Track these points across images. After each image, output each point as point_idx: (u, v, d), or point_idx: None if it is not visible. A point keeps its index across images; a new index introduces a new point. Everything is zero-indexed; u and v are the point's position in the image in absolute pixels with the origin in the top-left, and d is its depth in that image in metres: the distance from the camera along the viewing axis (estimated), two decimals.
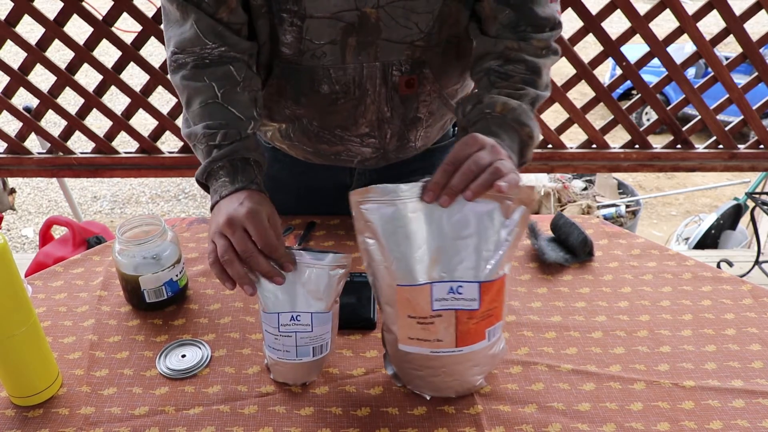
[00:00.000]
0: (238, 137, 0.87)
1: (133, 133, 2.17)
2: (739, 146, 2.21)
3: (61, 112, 2.12)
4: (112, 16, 1.95)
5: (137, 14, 1.94)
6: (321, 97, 0.96)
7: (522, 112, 0.85)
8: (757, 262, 2.60)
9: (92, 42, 2.00)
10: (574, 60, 2.02)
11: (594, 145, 2.22)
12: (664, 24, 2.12)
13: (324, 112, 0.98)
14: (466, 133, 0.86)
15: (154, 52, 3.28)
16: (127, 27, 2.14)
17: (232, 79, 0.88)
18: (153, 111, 2.13)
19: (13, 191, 3.00)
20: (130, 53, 2.01)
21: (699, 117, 2.15)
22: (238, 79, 0.89)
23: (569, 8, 1.92)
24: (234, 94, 0.89)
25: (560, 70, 2.15)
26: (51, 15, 1.95)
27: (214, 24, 0.87)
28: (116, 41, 1.99)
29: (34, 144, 2.28)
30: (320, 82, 0.94)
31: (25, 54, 2.01)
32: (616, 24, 1.97)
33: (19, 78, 2.04)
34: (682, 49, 3.89)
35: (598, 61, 2.07)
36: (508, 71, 0.88)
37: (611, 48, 2.02)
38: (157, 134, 2.20)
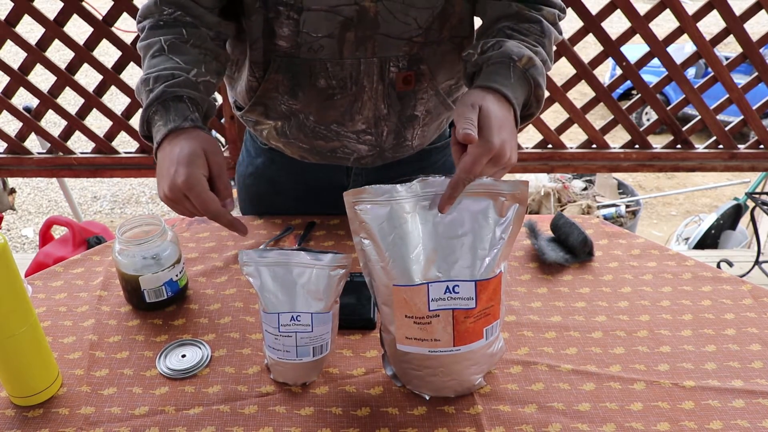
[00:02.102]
0: (171, 78, 0.84)
1: (133, 133, 2.17)
2: (739, 146, 2.21)
3: (61, 112, 2.12)
4: (112, 16, 1.95)
5: (137, 14, 1.94)
6: (318, 92, 0.96)
7: (540, 73, 0.85)
8: (757, 262, 2.60)
9: (92, 42, 2.00)
10: (574, 60, 2.02)
11: (594, 145, 2.22)
12: (664, 24, 2.12)
13: (320, 107, 0.98)
14: (478, 70, 0.85)
15: None
16: (127, 27, 2.14)
17: (181, 37, 0.88)
18: None
19: (13, 191, 3.00)
20: (130, 53, 2.01)
21: (699, 117, 2.15)
22: (186, 37, 0.88)
23: (569, 8, 1.92)
24: (180, 47, 0.87)
25: (560, 70, 2.16)
26: (51, 15, 1.96)
27: None
28: (116, 41, 1.99)
29: (34, 144, 2.28)
30: (317, 76, 0.94)
31: (25, 54, 2.01)
32: (616, 24, 1.97)
33: (19, 78, 2.04)
34: (682, 49, 3.90)
35: (598, 61, 2.07)
36: (523, 29, 0.88)
37: (611, 48, 2.02)
38: None
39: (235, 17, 0.95)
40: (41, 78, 2.17)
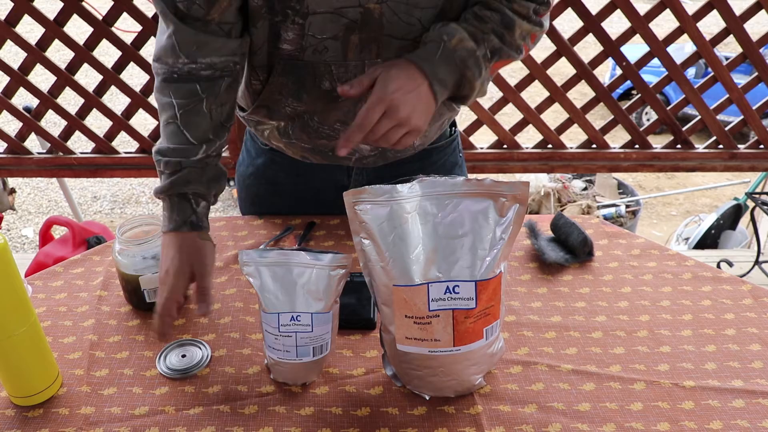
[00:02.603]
0: (179, 167, 0.90)
1: (133, 133, 2.17)
2: (739, 146, 2.21)
3: (61, 112, 2.12)
4: (112, 16, 1.95)
5: (137, 14, 1.94)
6: (322, 94, 0.96)
7: (470, 55, 0.87)
8: (757, 262, 2.60)
9: (92, 42, 2.00)
10: (574, 60, 2.02)
11: (594, 145, 2.22)
12: (664, 24, 2.12)
13: (325, 108, 0.98)
14: (415, 47, 0.89)
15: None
16: (127, 27, 2.14)
17: (196, 96, 0.90)
18: (153, 111, 2.13)
19: (13, 191, 3.00)
20: (130, 53, 2.01)
21: (699, 117, 2.15)
22: (201, 96, 0.90)
23: (569, 8, 1.92)
24: (193, 115, 0.91)
25: (560, 70, 2.16)
26: (51, 15, 1.95)
27: (194, 34, 0.87)
28: (116, 41, 1.99)
29: (34, 144, 2.28)
30: (322, 78, 0.94)
31: (25, 54, 2.01)
32: (616, 24, 1.97)
33: (19, 78, 2.04)
34: (682, 49, 3.90)
35: (598, 61, 2.07)
36: (483, 16, 0.89)
37: (611, 48, 2.02)
38: (157, 134, 2.19)
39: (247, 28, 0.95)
40: (41, 78, 2.17)
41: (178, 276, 0.87)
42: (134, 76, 2.46)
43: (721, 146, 2.20)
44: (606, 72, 6.03)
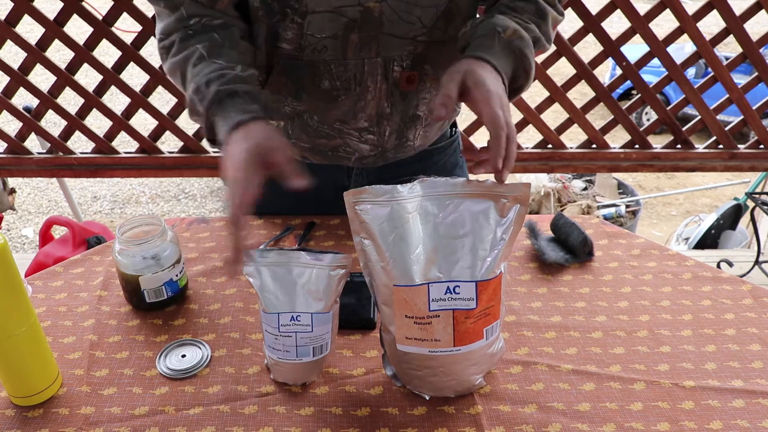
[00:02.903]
0: (221, 77, 0.83)
1: (133, 133, 2.17)
2: (739, 146, 2.21)
3: (61, 112, 2.12)
4: (112, 16, 1.95)
5: (137, 14, 1.94)
6: (322, 93, 0.96)
7: (527, 45, 0.87)
8: (757, 262, 2.60)
9: (92, 42, 2.00)
10: (574, 60, 2.02)
11: (594, 145, 2.22)
12: (664, 24, 2.12)
13: (324, 107, 0.98)
14: (467, 45, 0.87)
15: (154, 52, 3.26)
16: (127, 27, 2.14)
17: (216, 41, 0.87)
18: (153, 111, 2.13)
19: (13, 191, 3.00)
20: (130, 53, 2.01)
21: (699, 117, 2.15)
22: (220, 41, 0.87)
23: (569, 8, 1.92)
24: (218, 51, 0.86)
25: (560, 70, 2.16)
26: (51, 15, 1.95)
27: (202, 7, 0.87)
28: (116, 41, 1.99)
29: (34, 144, 2.28)
30: (321, 77, 0.94)
31: (25, 54, 2.01)
32: (616, 24, 1.97)
33: (19, 78, 2.04)
34: (682, 49, 3.90)
35: (598, 61, 2.07)
36: (518, 7, 0.90)
37: (611, 48, 2.02)
38: (157, 134, 2.20)
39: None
40: (41, 78, 2.16)
41: (248, 167, 0.73)
42: (134, 76, 2.46)
43: (721, 146, 2.20)
44: (606, 72, 6.03)
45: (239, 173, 0.73)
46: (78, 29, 2.05)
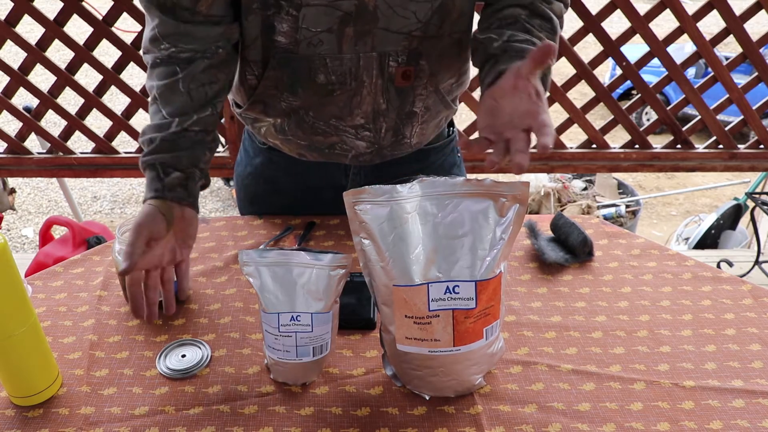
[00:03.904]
0: (149, 143, 0.90)
1: (133, 133, 2.17)
2: (739, 146, 2.21)
3: (61, 112, 2.13)
4: (112, 16, 1.95)
5: (137, 14, 1.94)
6: (317, 88, 0.96)
7: (549, 71, 0.90)
8: (757, 262, 2.60)
9: (92, 42, 2.00)
10: (574, 60, 2.02)
11: (594, 145, 2.22)
12: (664, 24, 2.12)
13: (320, 103, 0.98)
14: (504, 53, 0.88)
15: None
16: (127, 27, 2.14)
17: (174, 76, 0.91)
18: None
19: (13, 191, 3.01)
20: (130, 53, 2.01)
21: (699, 117, 2.15)
22: (179, 76, 0.90)
23: (569, 8, 1.92)
24: (170, 93, 0.91)
25: (560, 70, 2.15)
26: (51, 15, 1.96)
27: (176, 26, 0.89)
28: (116, 41, 1.99)
29: (34, 144, 2.28)
30: (316, 71, 0.94)
31: (25, 54, 2.01)
32: (616, 24, 1.97)
33: (19, 78, 2.04)
34: (682, 49, 3.90)
35: (598, 61, 2.07)
36: (536, 25, 0.92)
37: (611, 48, 2.02)
38: None
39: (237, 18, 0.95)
40: (41, 78, 2.17)
41: (136, 242, 0.85)
42: (134, 76, 2.47)
43: (721, 146, 2.21)
44: (606, 72, 6.03)
45: (128, 248, 0.85)
46: (78, 29, 2.05)
